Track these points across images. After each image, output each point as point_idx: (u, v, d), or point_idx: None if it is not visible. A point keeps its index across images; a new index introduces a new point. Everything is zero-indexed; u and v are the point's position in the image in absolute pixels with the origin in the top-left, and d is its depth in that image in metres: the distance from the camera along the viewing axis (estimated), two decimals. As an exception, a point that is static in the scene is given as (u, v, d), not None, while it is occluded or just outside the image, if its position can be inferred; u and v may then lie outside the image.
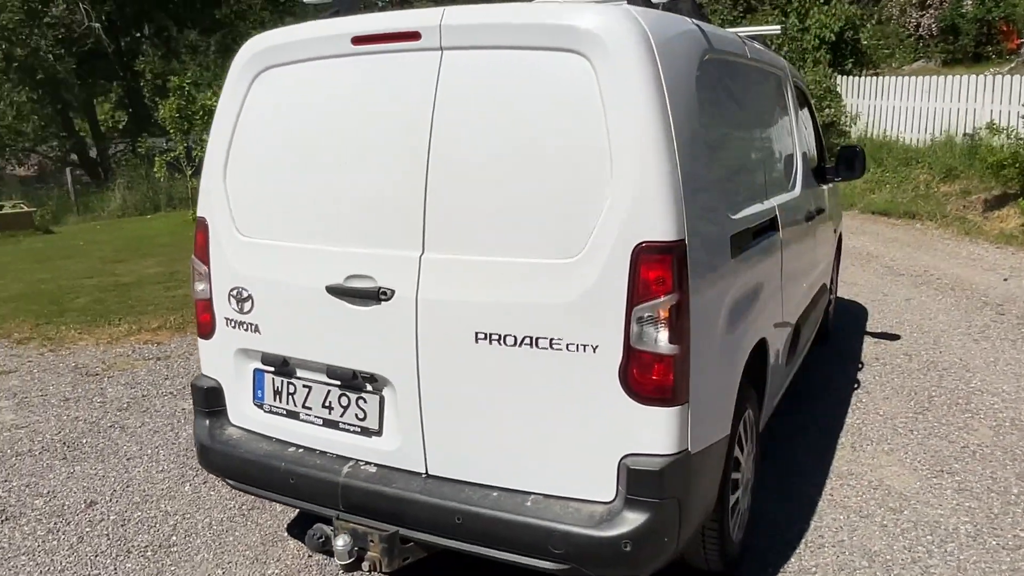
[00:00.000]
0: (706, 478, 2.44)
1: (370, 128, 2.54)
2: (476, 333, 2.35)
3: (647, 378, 2.20)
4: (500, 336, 2.33)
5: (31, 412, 4.74)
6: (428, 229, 2.42)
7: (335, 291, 2.54)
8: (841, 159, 5.00)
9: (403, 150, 2.45)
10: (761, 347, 3.11)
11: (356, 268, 2.51)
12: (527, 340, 2.30)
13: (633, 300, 2.18)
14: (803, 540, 3.18)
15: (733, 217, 2.64)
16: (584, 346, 2.24)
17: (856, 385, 4.92)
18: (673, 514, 2.26)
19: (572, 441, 2.31)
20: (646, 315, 2.18)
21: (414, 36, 2.44)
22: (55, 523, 3.42)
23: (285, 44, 2.72)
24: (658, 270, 2.17)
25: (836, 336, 5.92)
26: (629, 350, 2.20)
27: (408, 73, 2.46)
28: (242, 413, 2.89)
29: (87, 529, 3.37)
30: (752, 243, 2.84)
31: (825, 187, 4.92)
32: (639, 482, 2.23)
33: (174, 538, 3.29)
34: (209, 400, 2.95)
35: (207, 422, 2.95)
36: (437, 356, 2.43)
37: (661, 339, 2.18)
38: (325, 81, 2.64)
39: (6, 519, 3.47)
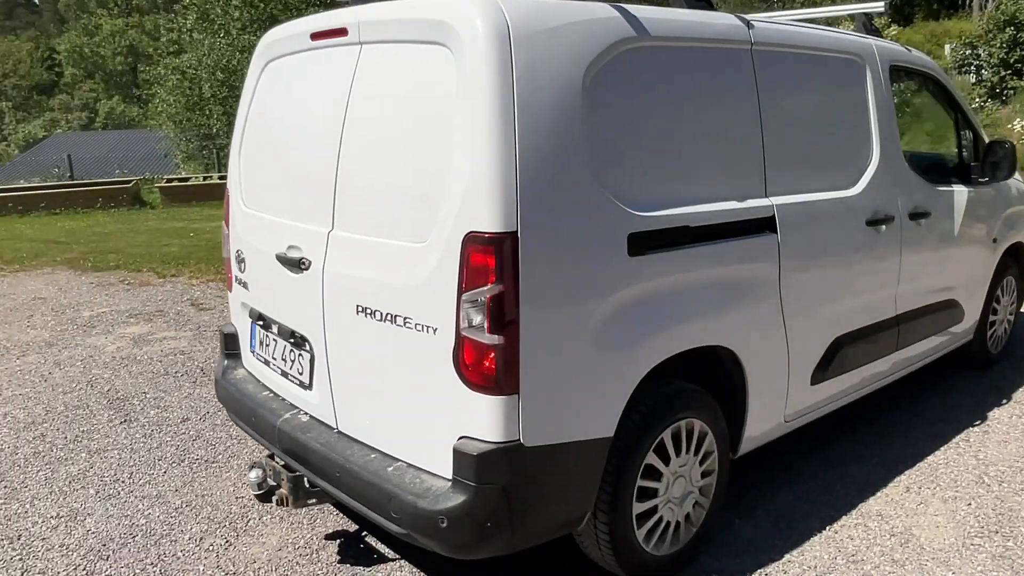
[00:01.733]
0: (559, 475, 2.40)
1: (315, 115, 2.84)
2: (357, 306, 2.57)
3: (473, 365, 2.26)
4: (372, 311, 2.52)
5: (199, 343, 5.79)
6: (337, 208, 2.67)
7: (279, 258, 2.89)
8: (987, 158, 4.26)
9: (327, 135, 2.71)
10: (732, 357, 2.92)
11: (293, 240, 2.84)
12: (389, 316, 2.46)
13: (462, 287, 2.24)
14: (761, 570, 2.92)
15: (640, 214, 2.51)
16: (427, 327, 2.35)
17: (979, 421, 4.20)
18: (496, 501, 2.29)
19: (426, 416, 2.44)
20: (473, 303, 2.23)
21: (343, 32, 2.68)
22: (152, 430, 4.25)
23: (281, 39, 3.11)
24: (484, 260, 2.20)
25: (1008, 364, 5.04)
26: (459, 336, 2.27)
27: (340, 66, 2.71)
28: (246, 357, 3.39)
29: (168, 438, 4.14)
30: (688, 244, 2.67)
31: (965, 189, 4.23)
32: (460, 464, 2.30)
33: (220, 457, 3.92)
34: (228, 344, 3.49)
35: (225, 362, 3.49)
36: (336, 324, 2.68)
37: (484, 328, 2.22)
38: (298, 72, 2.99)
39: (124, 421, 4.38)
